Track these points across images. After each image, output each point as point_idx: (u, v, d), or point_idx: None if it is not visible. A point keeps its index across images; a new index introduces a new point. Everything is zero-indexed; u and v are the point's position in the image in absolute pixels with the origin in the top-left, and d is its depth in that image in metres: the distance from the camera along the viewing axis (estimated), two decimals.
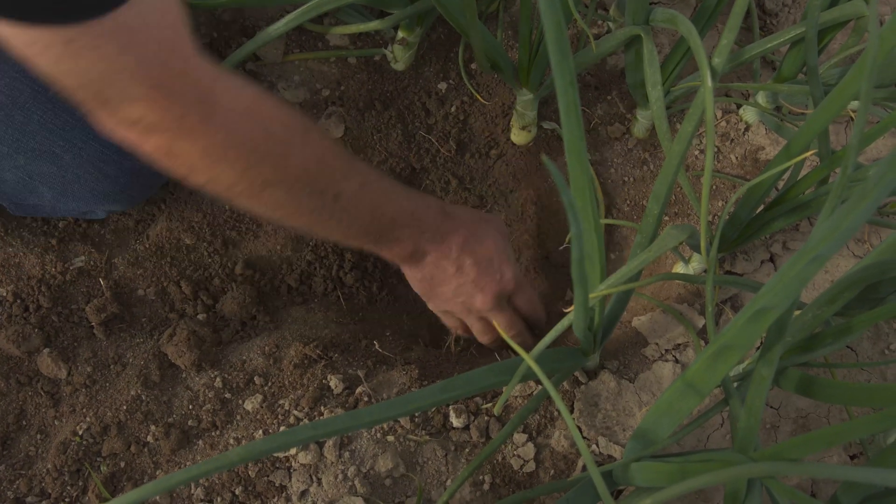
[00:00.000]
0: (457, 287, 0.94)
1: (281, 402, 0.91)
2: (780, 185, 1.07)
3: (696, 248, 0.91)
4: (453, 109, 1.17)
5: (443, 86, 1.19)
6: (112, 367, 0.93)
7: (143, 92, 0.64)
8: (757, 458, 0.63)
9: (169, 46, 0.64)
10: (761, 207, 0.93)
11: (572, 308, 0.72)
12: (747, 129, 1.15)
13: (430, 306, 0.99)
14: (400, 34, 1.14)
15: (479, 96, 1.17)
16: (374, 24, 1.09)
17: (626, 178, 1.15)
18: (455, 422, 0.92)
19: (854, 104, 1.09)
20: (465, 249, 0.92)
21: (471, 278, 0.93)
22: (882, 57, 0.60)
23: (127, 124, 0.66)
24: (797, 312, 0.78)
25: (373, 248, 0.90)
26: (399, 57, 1.16)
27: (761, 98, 1.12)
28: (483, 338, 1.02)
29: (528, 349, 0.76)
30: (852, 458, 0.99)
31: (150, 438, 0.89)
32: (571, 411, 0.96)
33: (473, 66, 1.19)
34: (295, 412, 0.90)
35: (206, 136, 0.69)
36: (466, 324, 1.00)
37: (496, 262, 0.95)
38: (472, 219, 0.96)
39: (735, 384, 0.83)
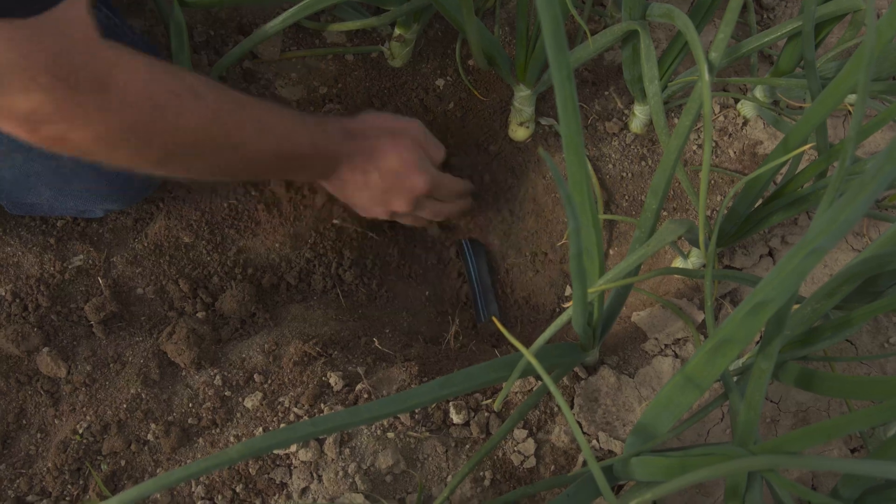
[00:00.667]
0: (370, 197, 1.00)
1: (281, 399, 0.91)
2: (779, 179, 1.07)
3: (695, 243, 0.90)
4: (451, 106, 1.17)
5: (440, 82, 1.18)
6: (111, 365, 0.93)
7: (46, 84, 0.65)
8: (757, 452, 0.63)
9: (72, 37, 0.66)
10: (760, 202, 0.92)
11: (571, 303, 0.72)
12: (745, 123, 1.15)
13: (357, 212, 1.06)
14: (397, 31, 1.14)
15: (476, 93, 1.17)
16: (370, 21, 1.09)
17: (624, 174, 1.15)
18: (455, 418, 0.92)
19: (851, 98, 1.09)
20: (370, 164, 0.97)
21: (380, 189, 0.99)
22: (879, 50, 0.60)
23: (15, 118, 0.67)
24: (796, 306, 0.78)
25: (283, 178, 0.99)
26: (396, 54, 1.16)
27: (759, 92, 1.12)
28: (415, 224, 1.13)
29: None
30: (853, 451, 0.99)
31: (150, 437, 0.89)
32: (571, 407, 0.96)
33: (471, 62, 1.19)
34: (295, 409, 0.90)
35: (102, 123, 0.71)
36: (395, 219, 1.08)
37: (403, 172, 0.99)
38: (379, 134, 1.00)
39: (735, 378, 0.83)
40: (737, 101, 1.16)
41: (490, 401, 0.94)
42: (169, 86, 0.76)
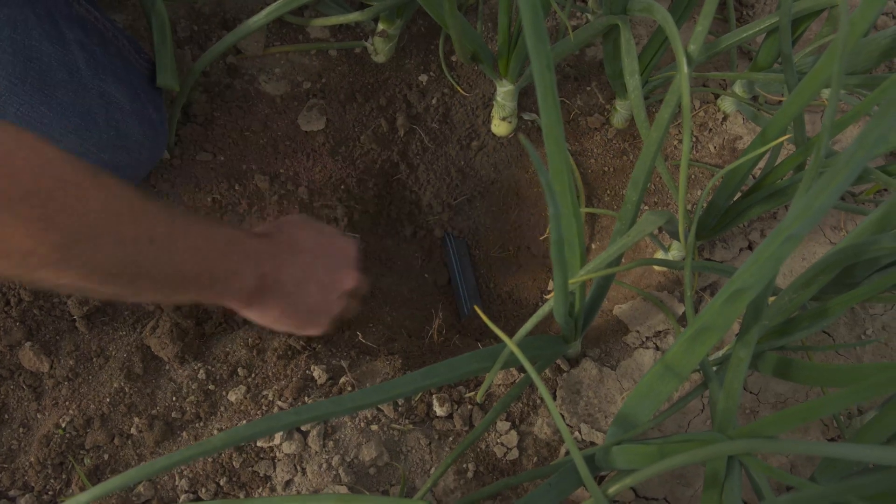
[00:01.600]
0: (319, 288, 0.88)
1: (265, 392, 0.91)
2: (758, 174, 1.09)
3: (675, 235, 0.91)
4: (434, 101, 1.18)
5: (423, 78, 1.19)
6: (95, 359, 0.92)
7: None
8: (734, 437, 0.64)
9: None
10: (739, 195, 0.94)
11: (552, 294, 0.72)
12: (725, 118, 1.16)
13: (319, 329, 0.91)
14: (380, 26, 1.14)
15: (459, 88, 1.17)
16: (354, 16, 1.09)
17: (606, 168, 1.16)
18: (438, 410, 0.93)
19: (829, 92, 1.10)
20: (296, 251, 0.86)
21: (324, 271, 0.88)
22: (852, 43, 0.61)
23: None
24: (773, 298, 0.79)
25: (210, 295, 0.79)
26: (380, 49, 1.16)
27: (738, 88, 1.13)
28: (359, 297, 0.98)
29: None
30: (830, 440, 1.01)
31: (133, 430, 0.89)
32: (554, 398, 0.96)
33: (454, 58, 1.20)
34: (279, 403, 0.90)
35: None
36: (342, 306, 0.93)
37: (330, 241, 0.90)
38: (274, 224, 0.91)
39: (714, 368, 0.83)
40: (717, 96, 1.17)
41: (473, 393, 0.95)
42: (72, 164, 0.65)
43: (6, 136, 0.60)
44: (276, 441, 0.87)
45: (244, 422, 0.89)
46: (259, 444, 0.87)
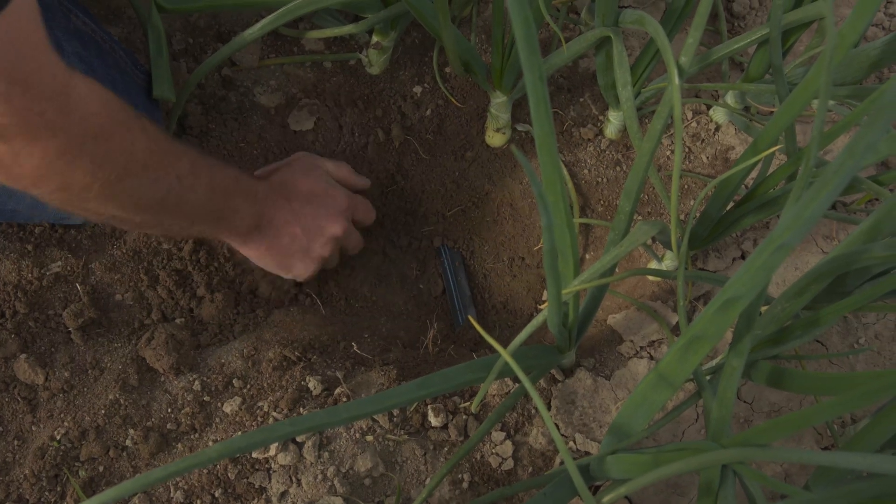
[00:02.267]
0: (305, 233, 0.95)
1: (260, 404, 0.91)
2: (751, 184, 1.09)
3: (668, 245, 0.92)
4: (428, 113, 1.18)
5: (418, 89, 1.20)
6: (90, 371, 0.92)
7: (1, 88, 0.61)
8: (727, 446, 0.64)
9: (24, 41, 0.62)
10: (731, 205, 0.94)
11: (547, 305, 0.73)
12: (717, 129, 1.17)
13: (298, 272, 0.99)
14: (374, 38, 1.15)
15: (453, 99, 1.18)
16: (348, 28, 1.10)
17: (599, 179, 1.17)
18: (433, 421, 0.93)
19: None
20: (289, 197, 0.94)
21: (311, 218, 0.95)
22: (841, 55, 0.62)
23: None
24: (766, 307, 0.79)
25: (215, 230, 0.89)
26: (374, 61, 1.17)
27: (730, 99, 1.14)
28: (355, 249, 1.08)
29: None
30: (824, 449, 1.01)
31: (128, 442, 0.88)
32: (549, 409, 0.96)
33: (448, 69, 1.20)
34: (274, 414, 0.90)
35: (63, 131, 0.66)
36: (334, 253, 1.03)
37: (321, 192, 0.97)
38: (278, 168, 0.99)
39: (708, 377, 0.84)
40: (709, 107, 1.18)
41: (468, 404, 0.95)
42: (122, 106, 0.74)
43: (81, 83, 0.68)
44: (272, 452, 0.87)
45: (239, 433, 0.89)
46: (254, 455, 0.87)
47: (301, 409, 0.91)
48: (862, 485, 0.54)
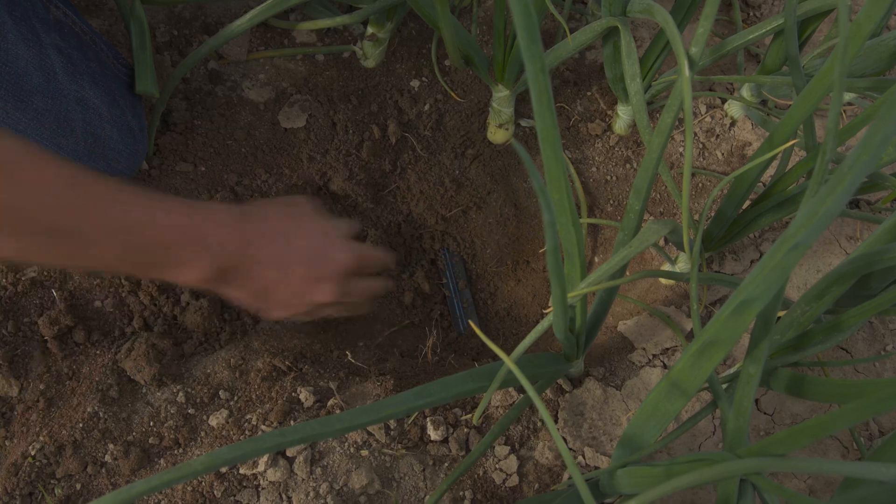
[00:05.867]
0: (292, 292, 0.90)
1: (248, 416, 0.92)
2: (768, 181, 1.10)
3: (681, 246, 0.93)
4: (427, 108, 1.19)
5: (415, 83, 1.21)
6: (67, 383, 0.93)
7: None
8: (744, 456, 0.65)
9: None
10: (748, 203, 0.95)
11: (552, 309, 0.73)
12: (733, 124, 1.18)
13: (275, 317, 0.94)
14: (369, 30, 1.16)
15: (453, 94, 1.19)
16: (341, 20, 1.11)
17: (608, 177, 1.18)
18: (433, 434, 0.93)
19: (846, 96, 1.12)
20: (282, 249, 0.88)
21: (301, 277, 0.89)
22: (858, 45, 0.63)
23: None
24: (783, 312, 0.80)
25: (160, 276, 0.83)
26: (369, 54, 1.18)
27: (746, 92, 1.15)
28: (344, 313, 0.99)
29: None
30: None
31: (108, 458, 0.89)
32: (555, 421, 0.97)
33: (447, 62, 1.22)
34: (263, 427, 0.91)
35: None
36: (322, 315, 0.96)
37: (321, 249, 0.91)
38: (280, 211, 0.92)
39: (724, 386, 0.85)
40: (724, 101, 1.19)
41: (469, 415, 0.95)
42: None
43: None
44: (260, 468, 0.88)
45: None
46: (242, 470, 0.88)
47: (292, 422, 0.91)
48: (875, 489, 0.55)
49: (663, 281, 1.10)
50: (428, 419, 0.94)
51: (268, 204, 0.95)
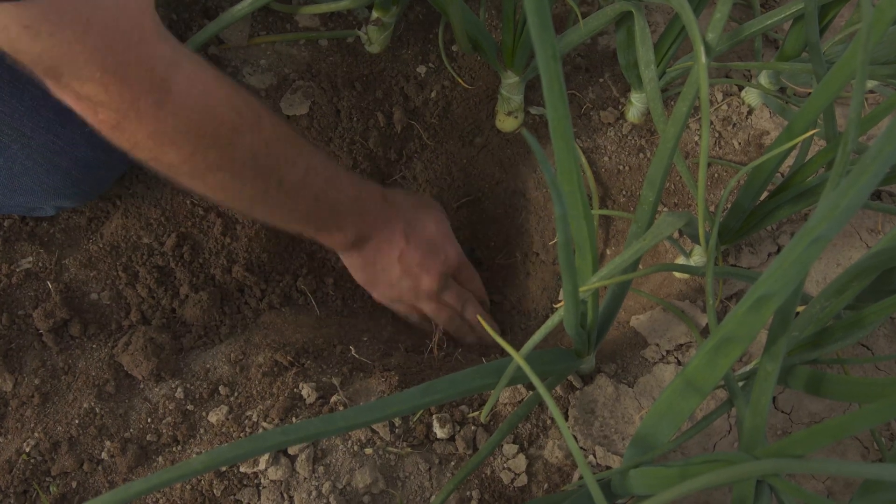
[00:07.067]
0: (402, 271, 1.03)
1: (249, 413, 0.92)
2: (787, 171, 1.10)
3: (696, 239, 0.92)
4: (433, 95, 1.19)
5: (422, 69, 1.20)
6: (62, 378, 0.93)
7: (97, 75, 0.69)
8: (761, 457, 0.65)
9: (126, 33, 0.69)
10: (766, 195, 0.95)
11: (562, 303, 0.73)
12: (750, 112, 1.17)
13: (376, 295, 1.07)
14: (374, 14, 1.16)
15: (461, 80, 1.19)
16: (346, 3, 1.11)
17: (621, 167, 1.17)
18: (439, 432, 0.93)
19: (868, 84, 1.12)
20: (408, 233, 1.02)
21: (416, 261, 1.02)
22: (881, 30, 0.62)
23: (76, 97, 0.72)
24: (801, 308, 0.80)
25: (314, 235, 0.97)
26: (374, 39, 1.18)
27: (764, 79, 1.14)
28: (439, 318, 1.10)
29: (481, 318, 0.83)
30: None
31: (104, 455, 0.90)
32: (566, 419, 0.97)
33: (455, 48, 1.21)
34: (264, 424, 0.91)
35: (156, 121, 0.75)
36: (418, 308, 1.09)
37: (439, 243, 1.05)
38: (412, 204, 1.05)
39: (740, 384, 0.84)
40: (741, 88, 1.18)
41: (477, 413, 0.95)
42: (231, 101, 0.81)
43: (184, 79, 0.76)
44: (261, 466, 0.88)
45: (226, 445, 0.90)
46: (242, 469, 0.88)
47: (293, 419, 0.92)
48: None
49: (678, 275, 1.10)
50: (434, 417, 0.94)
51: (406, 195, 1.09)
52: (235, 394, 0.94)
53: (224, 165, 0.82)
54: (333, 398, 0.94)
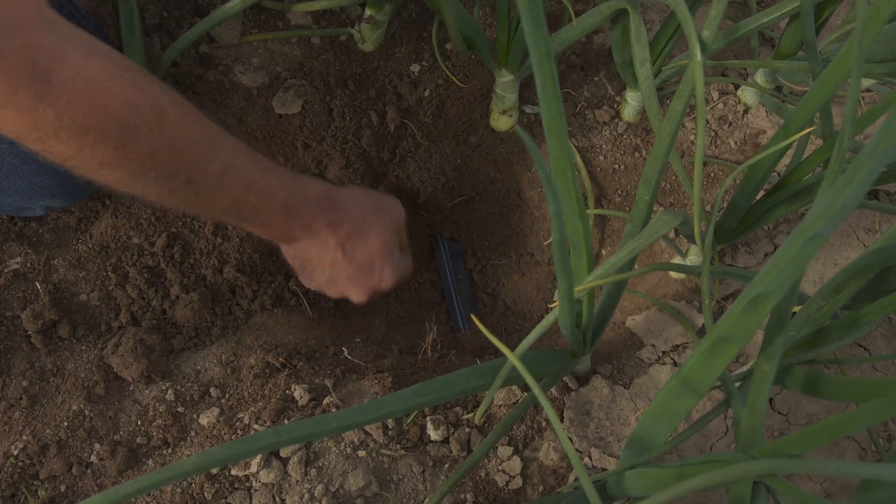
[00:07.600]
0: (329, 279, 1.00)
1: (240, 415, 0.92)
2: (783, 170, 1.10)
3: (692, 238, 0.93)
4: (427, 93, 1.19)
5: (415, 68, 1.20)
6: (51, 380, 0.93)
7: None
8: (757, 457, 0.65)
9: (5, 20, 0.67)
10: (762, 194, 0.95)
11: (557, 303, 0.73)
12: (746, 111, 1.18)
13: (301, 280, 1.06)
14: (367, 12, 1.16)
15: (455, 79, 1.19)
16: (338, 1, 1.11)
17: (616, 166, 1.18)
18: (433, 434, 0.94)
19: (865, 82, 1.12)
20: (346, 245, 0.98)
21: (346, 275, 1.00)
22: (876, 28, 0.63)
23: None
24: (798, 308, 0.80)
25: (249, 228, 0.95)
26: (367, 37, 1.18)
27: (760, 78, 1.15)
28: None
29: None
30: None
31: (93, 458, 0.89)
32: (561, 420, 0.97)
33: (448, 46, 1.21)
34: (256, 426, 0.91)
35: (35, 114, 0.71)
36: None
37: (376, 264, 1.02)
38: (364, 211, 1.01)
39: (737, 384, 0.85)
40: (737, 87, 1.19)
41: (471, 415, 0.96)
42: (125, 96, 0.77)
43: (69, 71, 0.72)
44: (253, 469, 0.88)
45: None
46: (233, 472, 0.88)
47: (285, 421, 0.92)
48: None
49: (674, 274, 1.10)
50: (428, 418, 0.94)
51: (360, 197, 1.04)
52: (227, 396, 0.94)
53: (118, 163, 0.78)
54: (326, 400, 0.94)
